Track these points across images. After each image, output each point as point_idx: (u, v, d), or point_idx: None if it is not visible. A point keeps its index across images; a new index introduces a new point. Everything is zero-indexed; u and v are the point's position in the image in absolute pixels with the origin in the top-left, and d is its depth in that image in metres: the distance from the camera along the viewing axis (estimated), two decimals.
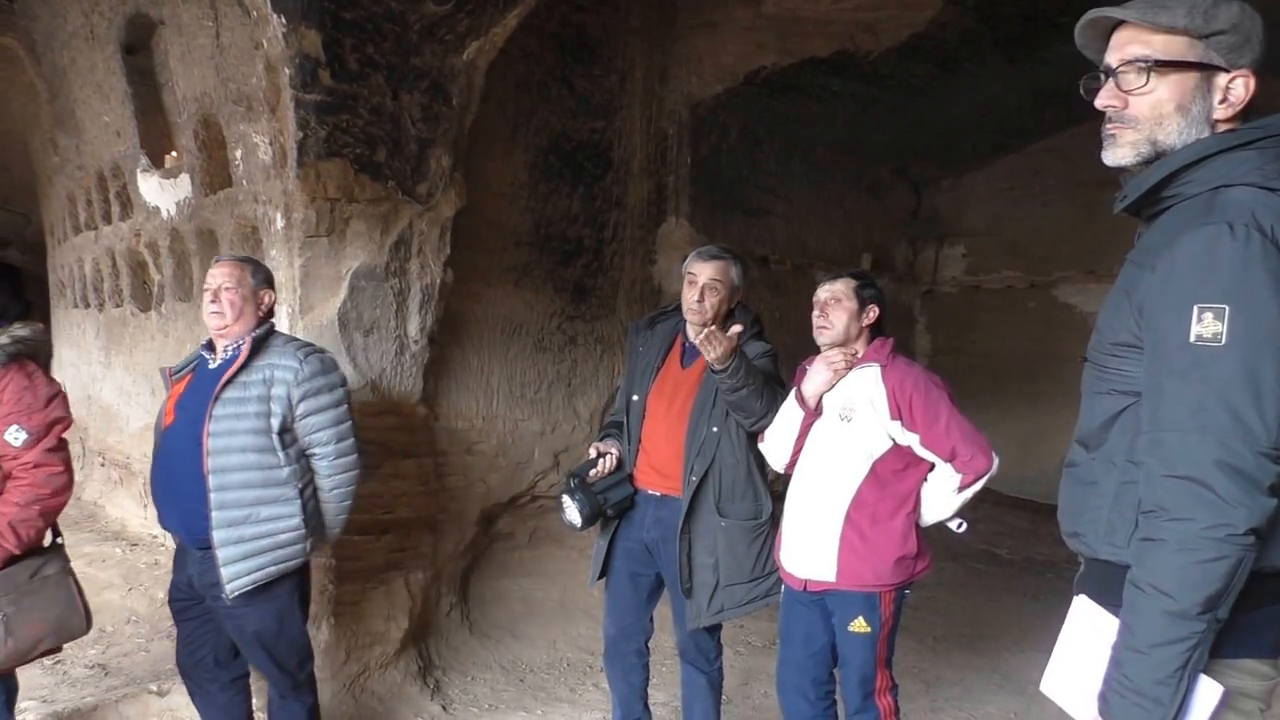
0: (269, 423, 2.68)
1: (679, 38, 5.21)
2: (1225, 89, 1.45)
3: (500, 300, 4.51)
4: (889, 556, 2.64)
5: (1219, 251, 1.32)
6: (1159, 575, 1.32)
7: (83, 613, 2.88)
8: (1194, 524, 1.29)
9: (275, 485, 2.70)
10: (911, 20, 5.01)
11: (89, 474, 6.43)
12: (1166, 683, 1.31)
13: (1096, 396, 1.54)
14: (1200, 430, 1.30)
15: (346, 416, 2.82)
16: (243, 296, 2.77)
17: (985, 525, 6.82)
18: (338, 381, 2.83)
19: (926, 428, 2.61)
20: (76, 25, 5.13)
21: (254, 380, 2.70)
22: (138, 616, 4.18)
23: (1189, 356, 1.32)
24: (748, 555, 2.92)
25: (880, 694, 2.73)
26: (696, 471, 2.89)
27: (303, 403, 2.72)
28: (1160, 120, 1.45)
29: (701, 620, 2.95)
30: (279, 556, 2.72)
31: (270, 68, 3.47)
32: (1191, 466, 1.30)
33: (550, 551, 4.85)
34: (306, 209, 3.53)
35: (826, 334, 2.75)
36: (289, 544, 2.73)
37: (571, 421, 4.85)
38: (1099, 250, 7.02)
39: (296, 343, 2.84)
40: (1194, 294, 1.32)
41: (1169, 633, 1.31)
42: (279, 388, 2.69)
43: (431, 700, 3.80)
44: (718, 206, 5.73)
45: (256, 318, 2.81)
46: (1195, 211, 1.39)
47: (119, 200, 5.26)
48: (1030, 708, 3.99)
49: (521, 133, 4.55)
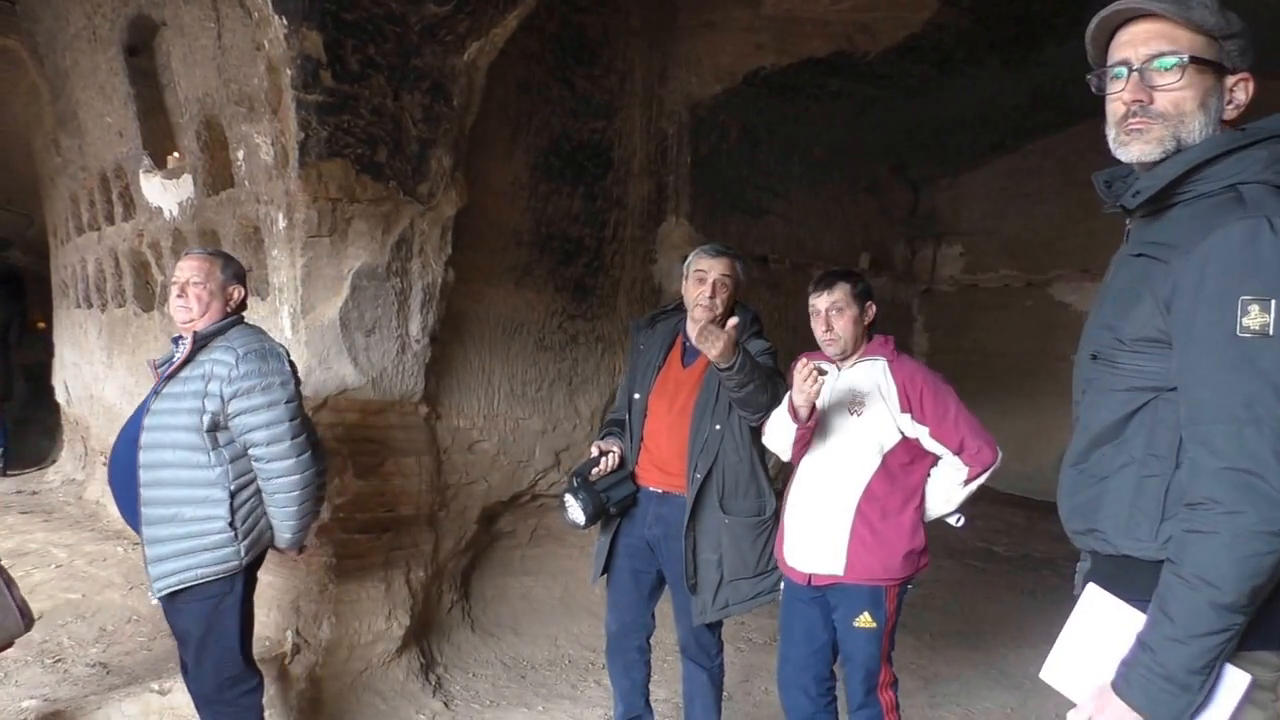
0: (200, 419, 2.58)
1: (678, 38, 5.23)
2: (1232, 90, 1.48)
3: (501, 299, 4.53)
4: (898, 550, 2.66)
5: (1262, 244, 1.32)
6: (1206, 567, 1.31)
7: (17, 613, 2.81)
8: (1247, 517, 1.28)
9: (203, 485, 2.60)
10: (908, 21, 5.04)
11: (90, 473, 6.45)
12: (1201, 672, 1.33)
13: (1108, 394, 1.52)
14: (1255, 422, 1.29)
15: (285, 417, 2.64)
16: (210, 291, 2.72)
17: (983, 522, 6.84)
18: (276, 381, 2.64)
19: (937, 421, 2.64)
20: (79, 27, 5.15)
21: (194, 376, 2.62)
22: (139, 615, 4.19)
23: (1237, 349, 1.31)
24: (751, 551, 2.94)
25: (883, 689, 2.75)
26: (700, 469, 2.90)
27: (233, 400, 2.59)
28: (1184, 117, 1.45)
29: (707, 616, 2.97)
30: (205, 560, 2.60)
31: (272, 69, 3.49)
32: (1247, 458, 1.29)
33: (551, 549, 4.87)
34: (308, 209, 3.55)
35: (835, 345, 2.74)
36: (216, 547, 2.60)
37: (573, 420, 4.87)
38: (1094, 249, 7.05)
39: (246, 338, 2.70)
40: (1238, 287, 1.32)
41: (1212, 624, 1.31)
42: (214, 384, 2.59)
43: (433, 697, 3.82)
44: (717, 206, 5.75)
45: (224, 313, 2.74)
46: (1221, 207, 1.39)
47: (121, 201, 5.28)
48: (1027, 703, 4.02)
49: (522, 133, 4.57)
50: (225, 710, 2.75)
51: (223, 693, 2.72)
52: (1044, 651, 1.60)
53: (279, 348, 2.76)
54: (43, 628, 3.96)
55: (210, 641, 2.69)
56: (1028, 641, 4.65)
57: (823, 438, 2.76)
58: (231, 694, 2.73)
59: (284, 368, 2.71)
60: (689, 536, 2.93)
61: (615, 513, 3.05)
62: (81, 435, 6.94)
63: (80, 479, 6.81)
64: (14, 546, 5.00)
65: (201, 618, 2.66)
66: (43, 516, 5.79)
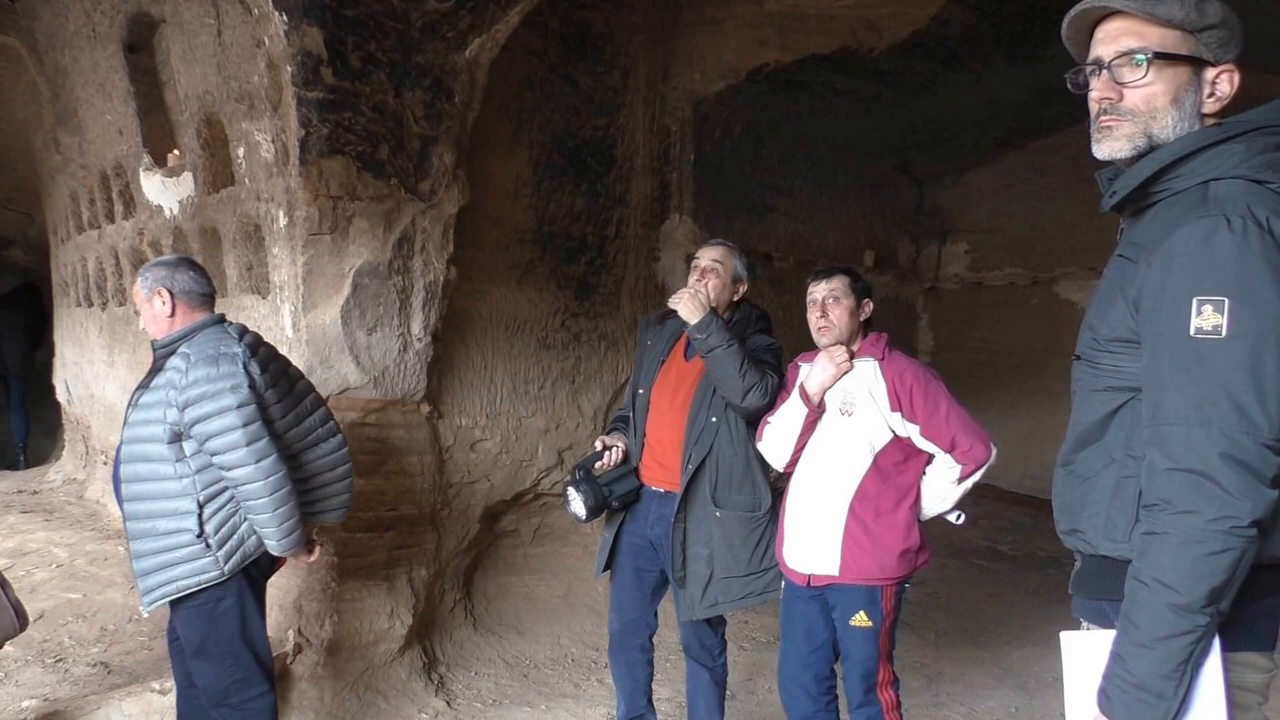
0: (162, 430, 2.56)
1: (682, 35, 5.21)
2: (1213, 83, 1.46)
3: (504, 297, 4.51)
4: (893, 549, 2.65)
5: (1217, 244, 1.32)
6: (1162, 569, 1.32)
7: (12, 613, 2.82)
8: (1198, 517, 1.29)
9: (171, 497, 2.58)
10: (913, 17, 5.01)
11: (91, 472, 6.44)
12: (1170, 677, 1.31)
13: (1091, 394, 1.54)
14: (1204, 423, 1.30)
15: (238, 423, 2.52)
16: (137, 301, 2.72)
17: (987, 521, 6.83)
18: (226, 386, 2.53)
19: (927, 418, 2.63)
20: (78, 24, 5.13)
21: (160, 385, 2.58)
22: (140, 615, 4.18)
23: (1190, 349, 1.32)
24: (743, 548, 2.91)
25: (882, 688, 2.74)
26: (694, 460, 2.90)
27: (187, 409, 2.53)
28: (1155, 113, 1.45)
29: (695, 613, 2.95)
30: (184, 572, 2.58)
31: (272, 65, 3.47)
32: (1195, 459, 1.30)
33: (554, 548, 4.86)
34: (309, 207, 3.53)
35: (829, 333, 2.76)
36: (190, 559, 2.57)
37: (576, 418, 4.85)
38: (1101, 246, 6.97)
39: (202, 344, 2.61)
40: (1193, 287, 1.32)
41: (1173, 626, 1.31)
42: (171, 393, 2.54)
43: (436, 696, 3.81)
44: (721, 203, 5.73)
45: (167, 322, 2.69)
46: (1188, 205, 1.39)
47: (122, 199, 5.27)
48: (1031, 702, 4.00)
49: (525, 130, 4.55)
50: (234, 715, 2.73)
51: (229, 696, 2.71)
52: (1048, 650, 1.59)
53: (234, 350, 2.61)
54: (43, 627, 3.96)
55: (210, 647, 2.68)
56: (1032, 640, 4.63)
57: (816, 439, 2.77)
58: (239, 698, 2.71)
59: (236, 371, 2.58)
60: (679, 528, 2.92)
61: (617, 507, 3.06)
62: (82, 435, 6.93)
63: (81, 478, 6.80)
64: (15, 546, 4.99)
65: (197, 625, 2.66)
66: (44, 516, 5.78)
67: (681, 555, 2.94)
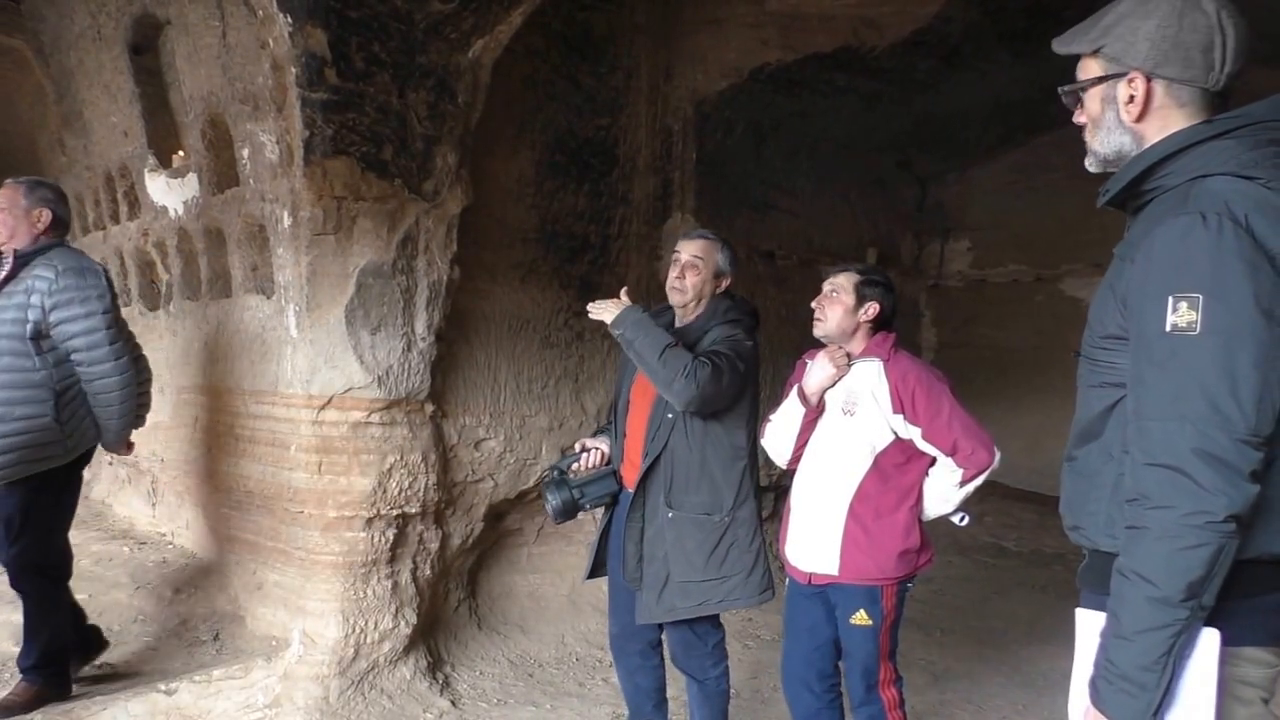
0: (24, 329, 3.00)
1: (683, 34, 5.21)
2: (1128, 90, 1.53)
3: (507, 296, 4.51)
4: (892, 550, 2.65)
5: (1192, 241, 1.35)
6: (1142, 562, 1.34)
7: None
8: (1174, 511, 1.31)
9: (30, 387, 3.02)
10: (915, 15, 5.00)
11: (96, 472, 6.44)
12: (1151, 669, 1.34)
13: (1091, 390, 1.56)
14: (1179, 419, 1.33)
15: (102, 325, 3.09)
16: (15, 217, 3.15)
17: (993, 518, 6.82)
18: (93, 294, 3.09)
19: (929, 421, 2.63)
20: (83, 26, 5.14)
21: (17, 290, 3.05)
22: (145, 615, 4.20)
23: (1166, 346, 1.35)
24: (698, 552, 2.77)
25: (884, 686, 2.74)
26: (649, 456, 2.81)
27: (54, 311, 3.03)
28: (1095, 132, 1.61)
29: (652, 617, 2.84)
30: (33, 454, 3.01)
31: (277, 66, 3.48)
32: (1171, 455, 1.33)
33: (559, 547, 4.87)
34: (313, 207, 3.55)
35: (819, 326, 2.79)
36: (43, 442, 3.03)
37: (579, 417, 4.85)
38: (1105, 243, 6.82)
39: (66, 258, 3.14)
40: (1169, 284, 1.35)
41: (1153, 619, 1.33)
42: (35, 297, 3.02)
43: (440, 695, 3.82)
44: (723, 202, 5.73)
45: (33, 235, 3.16)
46: (1173, 203, 1.42)
47: (127, 200, 5.28)
48: (1039, 699, 3.99)
49: (527, 130, 4.56)
50: (32, 594, 3.12)
51: (29, 578, 3.11)
52: (1055, 648, 1.61)
53: (98, 266, 3.23)
54: None
55: (30, 526, 3.06)
56: (1038, 638, 4.62)
57: (818, 438, 2.77)
58: (39, 581, 3.12)
59: (100, 283, 3.16)
60: (634, 527, 2.83)
61: (590, 509, 3.04)
62: None
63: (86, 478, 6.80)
64: None
65: (18, 504, 3.03)
66: None
67: (637, 556, 2.84)
